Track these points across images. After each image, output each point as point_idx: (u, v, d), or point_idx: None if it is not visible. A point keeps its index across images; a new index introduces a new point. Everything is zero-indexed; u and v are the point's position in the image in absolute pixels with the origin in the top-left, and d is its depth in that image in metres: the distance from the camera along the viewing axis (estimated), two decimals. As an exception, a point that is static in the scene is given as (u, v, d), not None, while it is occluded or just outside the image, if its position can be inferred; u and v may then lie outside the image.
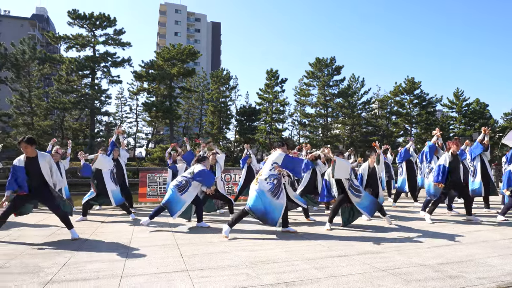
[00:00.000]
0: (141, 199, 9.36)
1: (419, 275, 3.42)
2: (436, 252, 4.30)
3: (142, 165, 32.59)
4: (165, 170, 9.29)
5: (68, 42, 35.11)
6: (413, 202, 9.48)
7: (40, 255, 4.18)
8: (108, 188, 6.88)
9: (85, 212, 6.90)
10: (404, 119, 42.80)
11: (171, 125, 38.33)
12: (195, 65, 46.90)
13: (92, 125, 36.52)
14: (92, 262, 3.89)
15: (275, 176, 5.32)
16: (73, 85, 35.87)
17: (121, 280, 3.29)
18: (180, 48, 37.09)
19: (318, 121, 44.11)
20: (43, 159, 4.96)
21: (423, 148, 8.89)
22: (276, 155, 5.45)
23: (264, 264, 3.83)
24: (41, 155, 5.00)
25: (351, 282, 3.23)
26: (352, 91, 42.24)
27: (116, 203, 6.98)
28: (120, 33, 36.48)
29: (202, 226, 6.10)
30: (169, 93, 36.88)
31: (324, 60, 42.29)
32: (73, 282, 3.23)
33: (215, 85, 43.74)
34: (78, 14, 34.63)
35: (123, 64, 36.50)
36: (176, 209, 5.84)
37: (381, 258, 4.04)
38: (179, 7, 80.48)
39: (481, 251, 4.34)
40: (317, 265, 3.78)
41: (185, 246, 4.69)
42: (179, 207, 5.85)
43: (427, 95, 42.73)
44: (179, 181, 6.02)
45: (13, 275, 3.44)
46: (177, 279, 3.31)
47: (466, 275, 3.43)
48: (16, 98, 34.94)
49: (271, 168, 5.37)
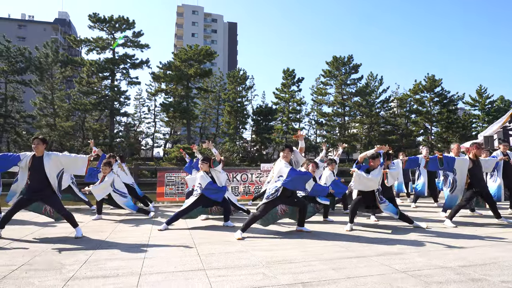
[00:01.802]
0: (159, 198, 9.50)
1: (440, 278, 3.33)
2: (458, 254, 4.18)
3: (160, 165, 33.04)
4: (182, 170, 9.37)
5: (89, 45, 35.93)
6: (433, 203, 9.25)
7: (63, 253, 4.30)
8: (119, 202, 7.00)
9: (99, 210, 7.04)
10: (424, 117, 41.88)
11: (188, 125, 38.74)
12: (212, 66, 47.30)
13: (112, 125, 37.28)
14: (112, 260, 3.98)
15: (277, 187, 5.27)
16: (94, 86, 36.72)
17: (140, 278, 3.35)
18: (197, 49, 37.41)
19: (335, 120, 43.70)
20: (48, 159, 5.04)
21: (443, 147, 8.63)
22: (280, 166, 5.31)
23: (281, 264, 3.82)
24: (46, 155, 5.08)
25: (369, 284, 3.18)
26: (370, 89, 41.68)
27: (135, 211, 7.15)
28: (139, 35, 37.12)
29: (228, 225, 6.17)
30: (186, 93, 37.26)
31: (342, 58, 41.86)
32: (93, 279, 3.31)
33: (231, 85, 43.96)
34: (98, 18, 35.41)
35: (142, 66, 37.11)
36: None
37: (401, 260, 3.96)
38: (196, 8, 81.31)
39: (506, 254, 4.19)
40: (335, 265, 3.74)
41: (202, 245, 4.72)
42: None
43: (448, 93, 41.75)
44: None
45: (37, 271, 3.55)
46: (195, 278, 3.34)
47: (490, 278, 3.32)
48: (40, 100, 36.15)
49: (277, 180, 5.31)
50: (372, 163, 5.88)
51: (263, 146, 41.37)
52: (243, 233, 5.21)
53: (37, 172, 4.98)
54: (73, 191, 8.06)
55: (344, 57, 41.87)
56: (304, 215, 5.58)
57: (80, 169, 5.37)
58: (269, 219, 5.52)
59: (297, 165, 5.97)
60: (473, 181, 6.21)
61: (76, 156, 5.47)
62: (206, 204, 6.23)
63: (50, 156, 5.11)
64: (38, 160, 5.02)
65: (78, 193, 8.11)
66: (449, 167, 6.33)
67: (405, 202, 9.63)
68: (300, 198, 5.62)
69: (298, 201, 5.50)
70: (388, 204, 5.86)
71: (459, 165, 6.27)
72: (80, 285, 3.16)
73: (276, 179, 5.30)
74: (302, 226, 5.60)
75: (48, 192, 5.07)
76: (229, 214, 6.33)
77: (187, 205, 6.00)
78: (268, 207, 5.31)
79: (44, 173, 4.98)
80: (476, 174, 6.24)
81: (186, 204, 6.10)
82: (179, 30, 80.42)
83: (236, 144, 41.38)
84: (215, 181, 6.33)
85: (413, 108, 43.24)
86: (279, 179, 5.23)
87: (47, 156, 5.08)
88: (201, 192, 6.05)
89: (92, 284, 3.19)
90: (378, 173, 5.77)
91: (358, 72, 42.40)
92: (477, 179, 6.22)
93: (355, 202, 5.87)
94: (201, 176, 6.20)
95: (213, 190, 6.12)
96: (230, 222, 6.21)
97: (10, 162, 5.12)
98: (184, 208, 5.97)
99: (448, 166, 6.32)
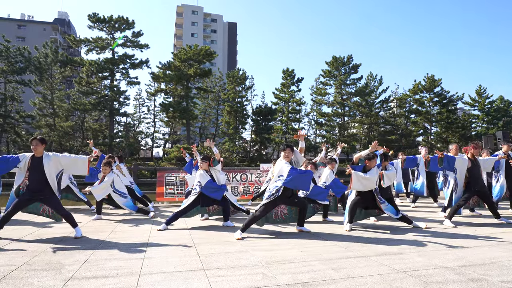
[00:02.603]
0: (158, 198, 9.49)
1: (439, 277, 3.34)
2: (457, 254, 4.18)
3: (160, 165, 33.04)
4: (181, 170, 9.38)
5: (88, 45, 35.89)
6: (433, 203, 9.26)
7: (62, 253, 4.30)
8: (119, 203, 6.99)
9: (99, 210, 7.04)
10: (424, 117, 41.90)
11: (188, 125, 38.74)
12: (212, 66, 47.29)
13: (111, 125, 37.26)
14: (112, 260, 3.98)
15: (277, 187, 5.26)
16: (93, 86, 36.71)
17: (140, 278, 3.35)
18: (196, 49, 37.40)
19: (335, 120, 43.68)
20: (48, 160, 5.03)
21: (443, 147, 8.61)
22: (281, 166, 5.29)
23: (280, 264, 3.82)
24: (46, 155, 5.06)
25: (369, 284, 3.18)
26: (369, 89, 41.67)
27: (135, 211, 7.15)
28: (138, 35, 37.09)
29: (227, 225, 6.16)
30: (186, 93, 37.25)
31: (341, 58, 41.86)
32: (93, 279, 3.31)
33: (231, 85, 43.94)
34: (98, 18, 35.38)
35: (141, 66, 37.09)
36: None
37: (400, 260, 3.96)
38: (195, 8, 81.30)
39: (506, 254, 4.20)
40: (334, 265, 3.74)
41: (202, 245, 4.73)
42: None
43: (448, 93, 41.76)
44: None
45: (37, 271, 3.55)
46: (194, 278, 3.34)
47: (489, 278, 3.32)
48: (39, 100, 36.14)
49: (277, 180, 5.28)
50: (368, 163, 5.87)
51: (263, 146, 41.38)
52: (243, 234, 5.21)
53: (36, 172, 4.97)
54: (72, 191, 8.06)
55: (343, 57, 41.87)
56: (304, 215, 5.58)
57: (81, 169, 5.35)
58: (264, 220, 5.50)
59: (297, 165, 5.96)
60: (471, 180, 6.22)
61: (76, 157, 5.46)
62: (206, 203, 6.20)
63: (50, 156, 5.10)
64: (38, 161, 5.00)
65: (78, 193, 8.10)
66: (450, 166, 6.30)
67: (404, 202, 9.64)
68: (300, 198, 5.61)
69: (298, 201, 5.49)
70: (388, 204, 5.86)
71: (459, 165, 6.27)
72: (79, 285, 3.16)
73: (277, 178, 5.27)
74: (302, 226, 5.60)
75: (47, 192, 5.06)
76: (229, 214, 6.32)
77: (186, 205, 5.98)
78: (269, 207, 5.30)
79: (43, 173, 4.97)
80: (475, 173, 6.25)
81: (184, 203, 6.08)
82: (179, 30, 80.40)
83: (236, 144, 41.37)
84: (215, 180, 6.32)
85: (413, 108, 43.28)
86: (280, 178, 5.21)
87: (47, 156, 5.07)
88: (201, 191, 6.04)
89: (92, 284, 3.19)
90: (375, 173, 5.77)
91: (358, 72, 42.40)
92: (475, 178, 6.22)
93: (354, 203, 5.86)
94: (201, 174, 6.18)
95: (213, 189, 6.10)
96: (229, 222, 6.20)
97: (10, 165, 5.07)
98: (183, 208, 5.96)
99: (449, 165, 6.29)
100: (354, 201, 5.87)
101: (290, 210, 5.59)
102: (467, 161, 6.27)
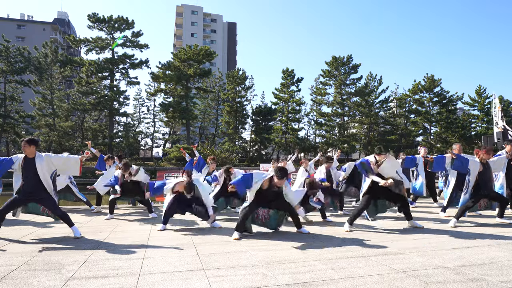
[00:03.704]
0: (158, 198, 9.48)
1: (439, 277, 3.34)
2: (457, 254, 4.18)
3: (159, 165, 33.03)
4: (182, 170, 9.35)
5: (88, 45, 35.87)
6: (433, 203, 9.25)
7: (62, 253, 4.30)
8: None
9: (111, 210, 7.09)
10: (424, 117, 41.88)
11: (188, 125, 38.72)
12: (211, 66, 47.28)
13: (111, 125, 37.26)
14: (111, 260, 3.98)
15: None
16: (93, 86, 36.70)
17: (139, 278, 3.35)
18: (196, 49, 37.40)
19: (335, 120, 43.65)
20: (40, 160, 4.99)
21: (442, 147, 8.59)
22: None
23: (280, 264, 3.82)
24: (38, 156, 5.02)
25: (368, 284, 3.18)
26: (369, 89, 41.62)
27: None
28: (138, 35, 37.07)
29: (214, 226, 6.11)
30: (186, 93, 37.24)
31: (341, 58, 41.82)
32: (93, 279, 3.31)
33: (231, 85, 43.92)
34: (97, 18, 35.36)
35: (141, 66, 37.07)
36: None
37: (400, 260, 3.96)
38: (195, 8, 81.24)
39: (505, 254, 4.19)
40: (334, 265, 3.74)
41: (202, 245, 4.72)
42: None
43: (448, 93, 41.72)
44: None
45: (36, 271, 3.55)
46: (194, 278, 3.34)
47: (489, 278, 3.32)
48: (39, 100, 36.15)
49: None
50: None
51: (263, 146, 41.38)
52: (239, 233, 5.21)
53: (30, 173, 4.95)
54: (72, 191, 8.06)
55: (343, 57, 41.83)
56: (296, 218, 5.53)
57: (73, 170, 5.31)
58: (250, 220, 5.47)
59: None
60: (481, 183, 6.18)
61: (68, 157, 5.44)
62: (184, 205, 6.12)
63: (42, 157, 5.06)
64: (30, 162, 4.97)
65: (77, 193, 8.10)
66: (464, 167, 6.17)
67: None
68: (285, 202, 5.48)
69: (283, 205, 5.45)
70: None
71: (472, 166, 6.20)
72: (79, 285, 3.16)
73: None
74: (300, 228, 5.58)
75: (42, 193, 5.04)
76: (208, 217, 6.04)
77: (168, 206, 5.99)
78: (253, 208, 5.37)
79: (36, 174, 4.95)
80: (485, 177, 6.20)
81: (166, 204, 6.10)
82: (179, 30, 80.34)
83: (236, 144, 41.39)
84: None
85: (412, 108, 43.25)
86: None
87: (39, 157, 5.03)
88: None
89: (92, 284, 3.19)
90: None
91: (358, 72, 42.33)
92: (485, 182, 6.18)
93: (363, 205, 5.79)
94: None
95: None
96: (216, 223, 6.14)
97: (4, 167, 5.04)
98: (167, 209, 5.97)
99: (463, 166, 6.16)
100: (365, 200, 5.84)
101: (274, 216, 5.54)
102: (479, 165, 6.22)
